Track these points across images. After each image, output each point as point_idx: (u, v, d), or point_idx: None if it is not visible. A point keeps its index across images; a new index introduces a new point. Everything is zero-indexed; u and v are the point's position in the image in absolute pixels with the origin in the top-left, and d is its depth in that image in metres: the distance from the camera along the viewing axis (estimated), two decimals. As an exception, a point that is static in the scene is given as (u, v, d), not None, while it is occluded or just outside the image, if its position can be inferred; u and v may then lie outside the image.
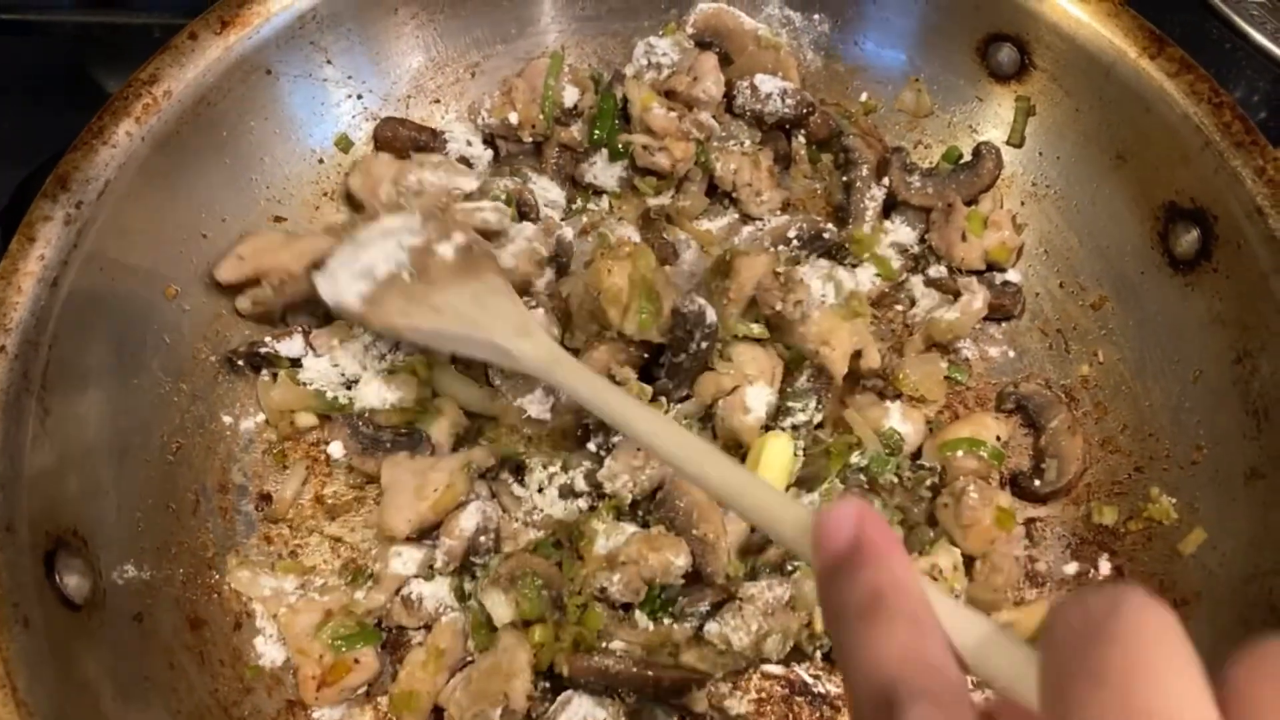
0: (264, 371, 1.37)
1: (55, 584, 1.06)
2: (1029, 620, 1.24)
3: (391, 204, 1.43)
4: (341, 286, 1.26)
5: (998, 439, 1.32)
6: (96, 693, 1.05)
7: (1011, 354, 1.46)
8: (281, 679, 1.24)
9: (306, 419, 1.37)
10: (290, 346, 1.36)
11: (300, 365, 1.36)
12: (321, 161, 1.50)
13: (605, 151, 1.50)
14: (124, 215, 1.24)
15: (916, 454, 1.34)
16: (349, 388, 1.36)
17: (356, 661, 1.22)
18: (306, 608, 1.24)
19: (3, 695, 0.94)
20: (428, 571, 1.26)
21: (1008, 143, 1.50)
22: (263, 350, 1.36)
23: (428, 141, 1.49)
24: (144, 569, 1.19)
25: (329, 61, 1.45)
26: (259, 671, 1.23)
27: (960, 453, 1.30)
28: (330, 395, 1.35)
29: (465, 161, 1.50)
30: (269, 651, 1.25)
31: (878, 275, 1.44)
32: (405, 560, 1.26)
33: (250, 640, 1.25)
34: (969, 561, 1.27)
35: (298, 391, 1.35)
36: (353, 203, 1.47)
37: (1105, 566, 1.30)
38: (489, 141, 1.54)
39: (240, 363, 1.37)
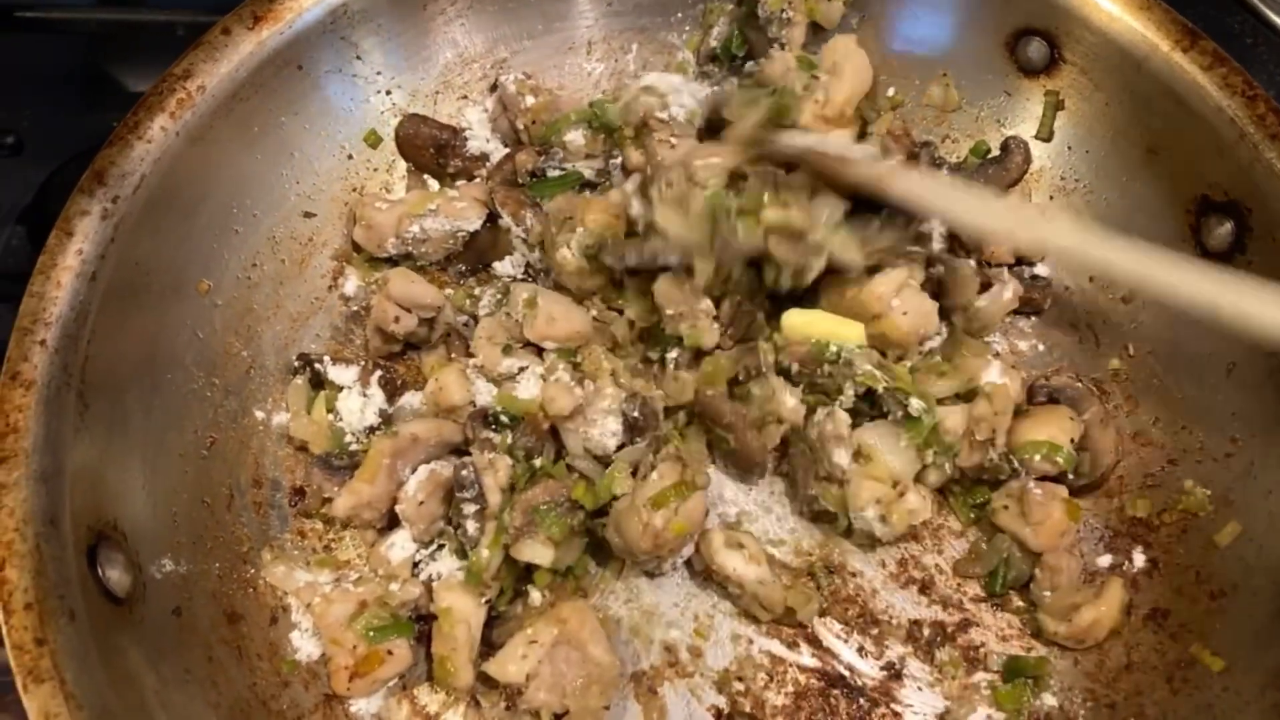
0: (299, 377, 1.37)
1: (98, 577, 1.06)
2: (1111, 609, 1.25)
3: (401, 254, 1.44)
4: None
5: (1072, 441, 1.31)
6: (140, 685, 1.05)
7: (1041, 347, 1.47)
8: (318, 673, 1.24)
9: (316, 447, 1.35)
10: (343, 374, 1.36)
11: (338, 391, 1.36)
12: (351, 157, 1.50)
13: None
14: (158, 210, 1.25)
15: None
16: (370, 433, 1.34)
17: (390, 653, 1.22)
18: (341, 598, 1.24)
19: (51, 688, 0.94)
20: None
21: (1036, 137, 1.50)
22: (317, 366, 1.36)
23: (449, 140, 1.50)
24: (181, 563, 1.20)
25: (359, 57, 1.45)
26: (295, 666, 1.23)
27: (1038, 456, 1.30)
28: (348, 439, 1.33)
29: (484, 158, 1.50)
30: (305, 646, 1.25)
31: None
32: (398, 545, 1.27)
33: (286, 635, 1.25)
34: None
35: (316, 428, 1.34)
36: (358, 249, 1.47)
37: (1140, 559, 1.30)
38: (507, 141, 1.55)
39: (297, 366, 1.37)
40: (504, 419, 1.26)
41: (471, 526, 1.21)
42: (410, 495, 1.24)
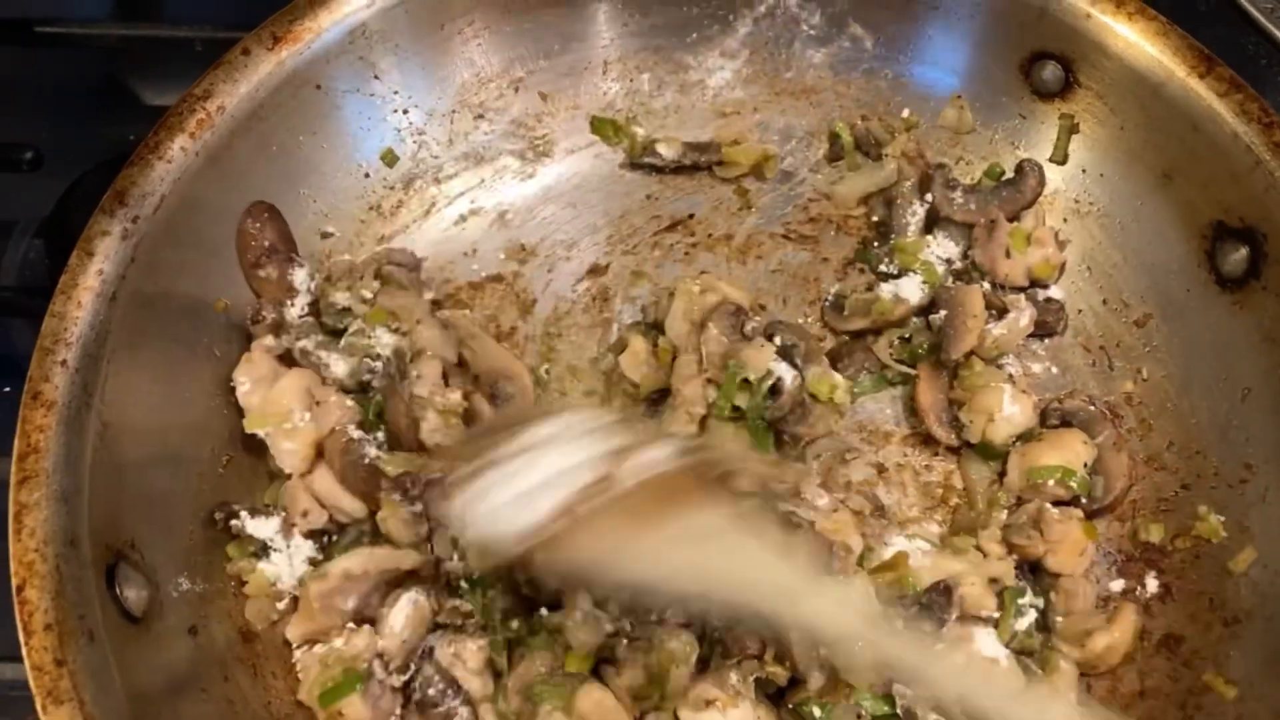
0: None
1: (116, 596, 1.07)
2: (1124, 634, 1.24)
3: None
4: (511, 515, 1.02)
5: (1085, 465, 1.32)
6: (157, 706, 1.06)
7: (1054, 370, 1.47)
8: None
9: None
10: (263, 527, 1.26)
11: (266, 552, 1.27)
12: (368, 176, 1.51)
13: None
14: (178, 229, 1.26)
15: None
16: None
17: (340, 714, 1.15)
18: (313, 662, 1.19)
19: (71, 709, 0.95)
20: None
21: (1051, 160, 1.50)
22: (233, 521, 1.26)
23: (281, 259, 1.37)
24: (197, 581, 1.20)
25: (377, 77, 1.46)
26: (311, 684, 1.23)
27: (1051, 481, 1.30)
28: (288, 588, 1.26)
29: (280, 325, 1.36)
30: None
31: (924, 283, 1.44)
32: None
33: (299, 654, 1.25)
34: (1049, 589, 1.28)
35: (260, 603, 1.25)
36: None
37: (1153, 584, 1.30)
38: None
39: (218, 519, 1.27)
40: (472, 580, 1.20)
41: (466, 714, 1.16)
42: (394, 632, 1.17)
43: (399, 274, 1.38)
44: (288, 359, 1.34)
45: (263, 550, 1.26)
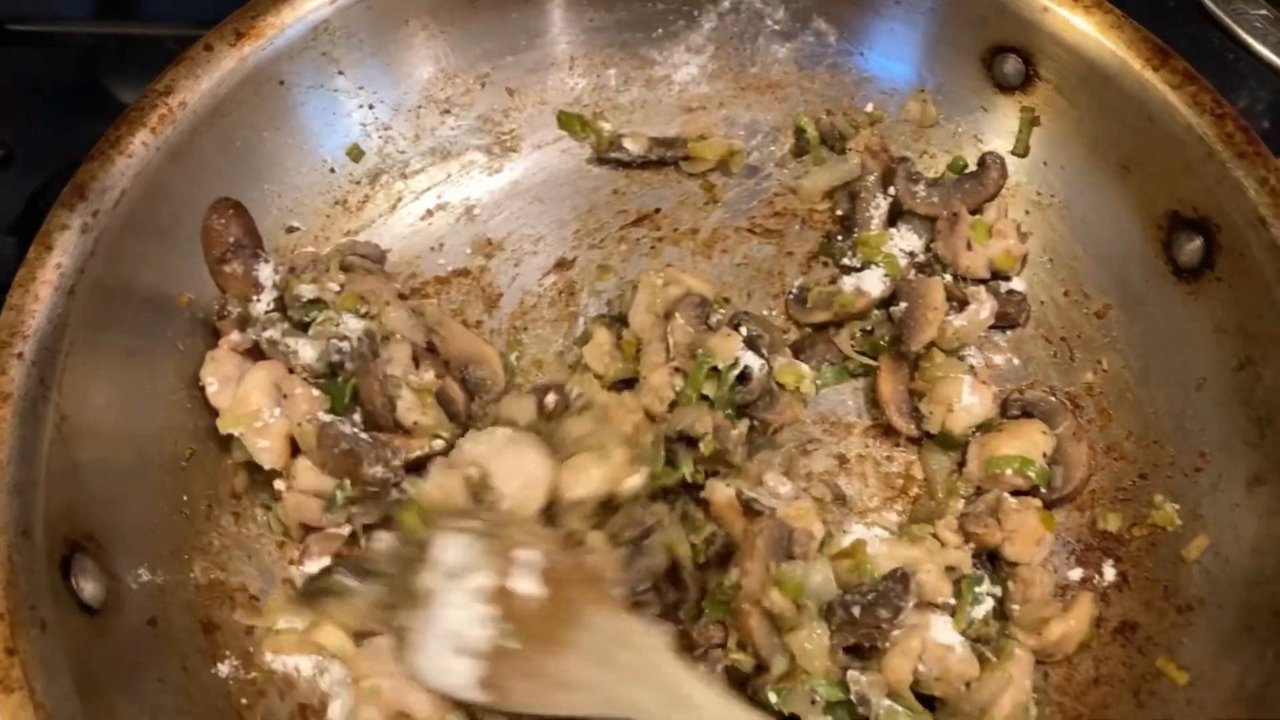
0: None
1: (71, 588, 1.07)
2: (1080, 623, 1.25)
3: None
4: (440, 668, 1.08)
5: (1044, 455, 1.32)
6: (111, 695, 1.06)
7: (1016, 361, 1.48)
8: (294, 682, 1.25)
9: None
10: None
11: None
12: (333, 171, 1.51)
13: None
14: (139, 224, 1.26)
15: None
16: None
17: None
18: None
19: (21, 698, 0.95)
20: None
21: (1012, 153, 1.51)
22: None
23: (246, 253, 1.38)
24: (158, 573, 1.21)
25: (341, 73, 1.47)
26: (271, 676, 1.24)
27: (1009, 470, 1.31)
28: None
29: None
30: (281, 657, 1.26)
31: (886, 276, 1.44)
32: None
33: (262, 644, 1.25)
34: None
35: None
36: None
37: (1110, 572, 1.31)
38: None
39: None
40: None
41: None
42: None
43: (364, 265, 1.39)
44: (255, 353, 1.35)
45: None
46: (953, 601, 1.23)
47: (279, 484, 1.30)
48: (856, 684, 1.15)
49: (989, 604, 1.25)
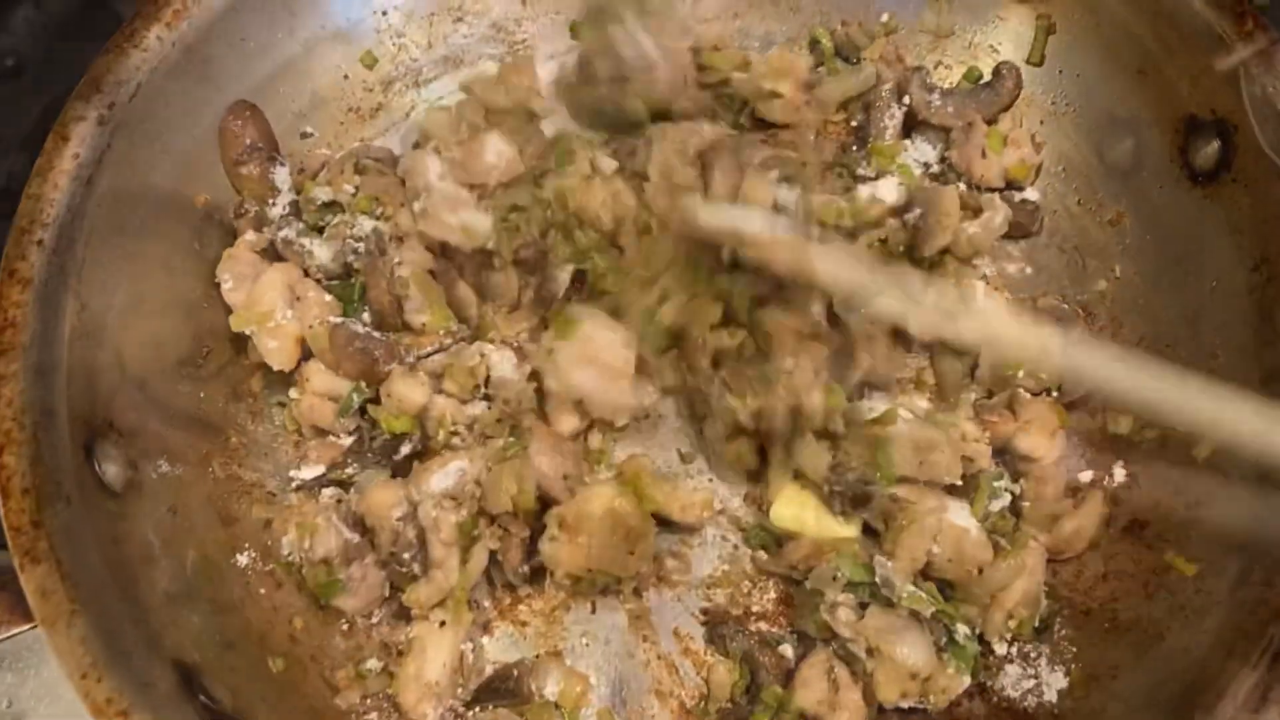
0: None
1: (95, 470, 1.09)
2: (1090, 520, 1.27)
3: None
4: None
5: None
6: (136, 576, 1.08)
7: (1029, 270, 1.48)
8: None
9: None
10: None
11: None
12: (347, 78, 1.51)
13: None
14: (155, 119, 1.27)
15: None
16: None
17: None
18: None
19: (48, 568, 0.97)
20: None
21: (1028, 61, 1.50)
22: None
23: (263, 157, 1.39)
24: (177, 465, 1.22)
25: (355, -24, 1.47)
26: (289, 567, 1.25)
27: (1023, 373, 1.33)
28: None
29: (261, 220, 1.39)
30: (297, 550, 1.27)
31: (901, 185, 1.44)
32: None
33: (279, 538, 1.27)
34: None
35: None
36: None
37: (1120, 473, 1.32)
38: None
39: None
40: None
41: None
42: None
43: (378, 168, 1.39)
44: (271, 254, 1.36)
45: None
46: (959, 481, 1.24)
47: (293, 392, 1.32)
48: (882, 568, 1.17)
49: (1006, 499, 1.27)
